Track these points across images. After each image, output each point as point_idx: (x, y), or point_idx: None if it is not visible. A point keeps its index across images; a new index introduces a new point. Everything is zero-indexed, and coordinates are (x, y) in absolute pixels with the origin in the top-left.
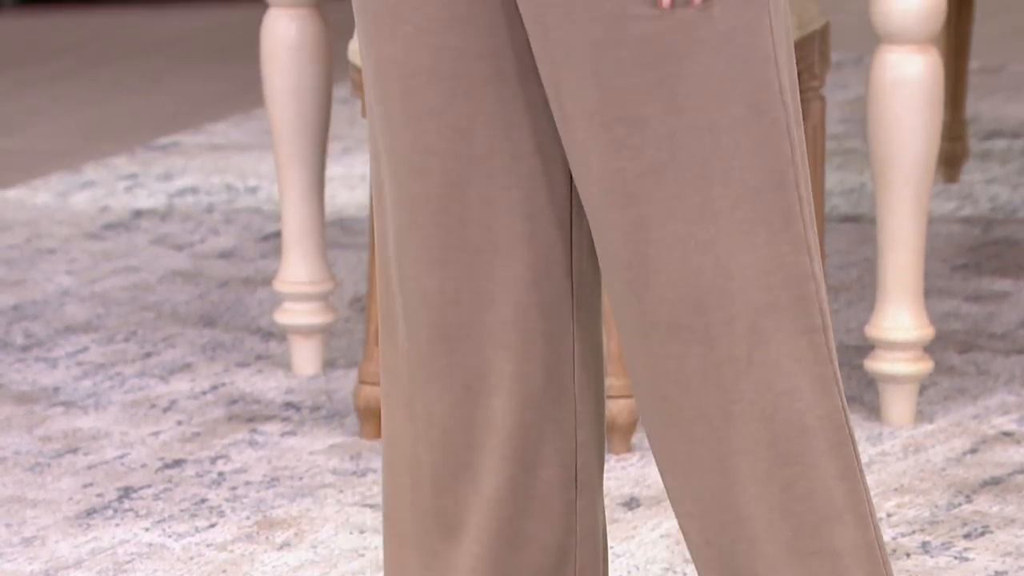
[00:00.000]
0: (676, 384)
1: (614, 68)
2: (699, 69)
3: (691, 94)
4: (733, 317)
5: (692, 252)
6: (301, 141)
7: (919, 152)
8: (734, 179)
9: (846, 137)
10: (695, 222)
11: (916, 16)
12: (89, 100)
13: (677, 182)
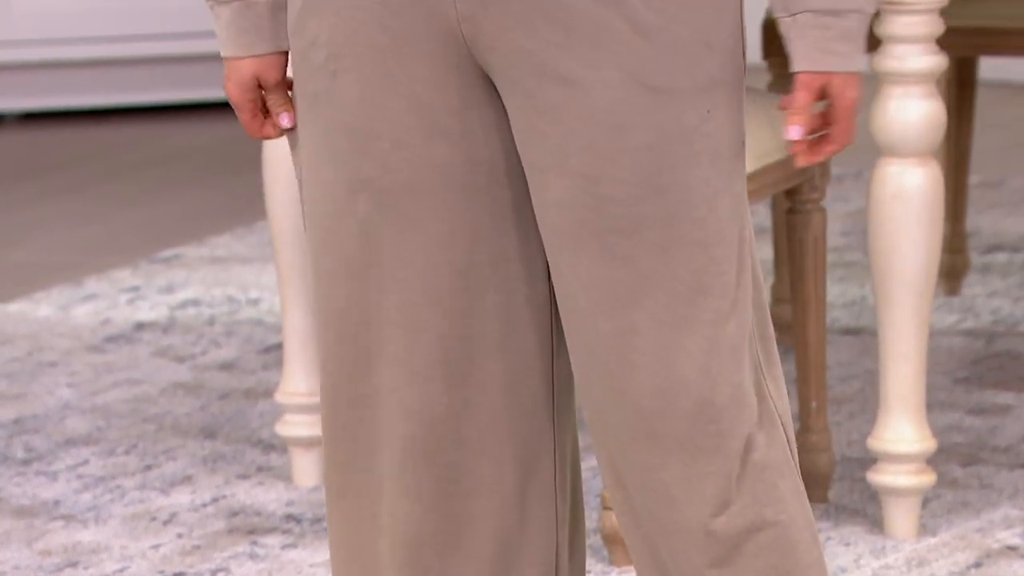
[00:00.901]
0: (656, 493)
1: (612, 177)
2: (696, 182)
3: (686, 206)
4: (721, 430)
5: (679, 363)
6: (302, 253)
7: (920, 264)
8: (725, 294)
9: (847, 249)
10: (684, 332)
11: (916, 129)
12: (91, 214)
13: (669, 292)
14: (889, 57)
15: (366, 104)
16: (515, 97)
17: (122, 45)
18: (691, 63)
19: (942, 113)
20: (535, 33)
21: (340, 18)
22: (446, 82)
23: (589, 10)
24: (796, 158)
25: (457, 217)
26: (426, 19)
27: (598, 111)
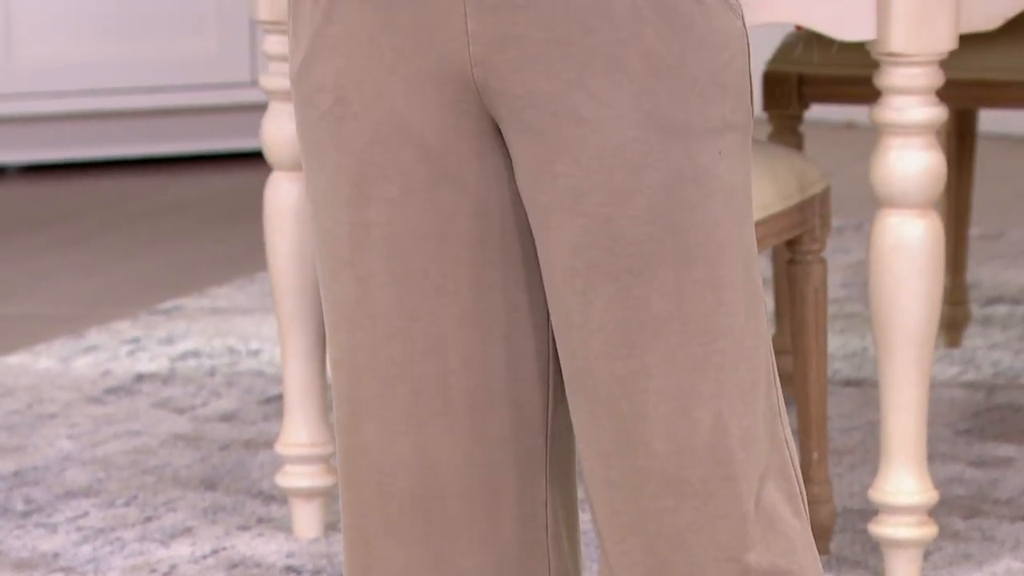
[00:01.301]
0: (670, 539)
1: (628, 217)
2: (709, 223)
3: (699, 246)
4: (733, 474)
5: (693, 405)
6: (302, 303)
7: (920, 316)
8: (735, 337)
9: (847, 301)
10: (697, 374)
11: (917, 180)
12: (92, 265)
13: (682, 334)
14: (889, 108)
15: (374, 149)
16: (526, 139)
17: (124, 97)
18: (705, 104)
19: (942, 165)
20: (551, 73)
21: (349, 63)
22: (455, 129)
23: (606, 48)
24: None
25: (463, 266)
26: (438, 64)
27: (614, 149)
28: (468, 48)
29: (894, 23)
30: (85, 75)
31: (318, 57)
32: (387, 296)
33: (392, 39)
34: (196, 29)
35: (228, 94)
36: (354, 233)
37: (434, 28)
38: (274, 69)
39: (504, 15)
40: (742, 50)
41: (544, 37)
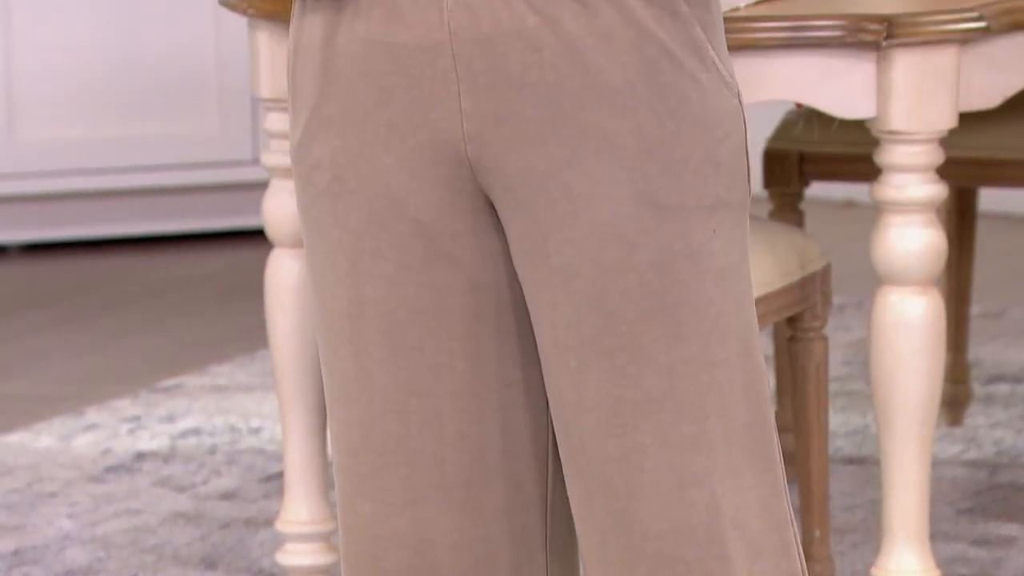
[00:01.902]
0: None
1: (619, 294)
2: (702, 301)
3: (692, 324)
4: (727, 553)
5: (687, 484)
6: (303, 381)
7: (922, 394)
8: (729, 414)
9: (849, 379)
10: (691, 453)
11: (917, 257)
12: (93, 344)
13: (675, 412)
14: (889, 186)
15: (371, 226)
16: (519, 217)
17: (125, 176)
18: (699, 182)
19: (943, 242)
20: (544, 150)
21: (344, 140)
22: (450, 206)
23: (599, 126)
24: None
25: (458, 342)
26: (432, 140)
27: (605, 227)
28: (462, 125)
29: (894, 101)
30: (87, 154)
31: (315, 135)
32: (383, 372)
33: (387, 115)
34: (197, 108)
35: (229, 172)
36: (351, 309)
37: (428, 105)
38: (275, 146)
39: (498, 93)
40: (738, 127)
41: (538, 115)
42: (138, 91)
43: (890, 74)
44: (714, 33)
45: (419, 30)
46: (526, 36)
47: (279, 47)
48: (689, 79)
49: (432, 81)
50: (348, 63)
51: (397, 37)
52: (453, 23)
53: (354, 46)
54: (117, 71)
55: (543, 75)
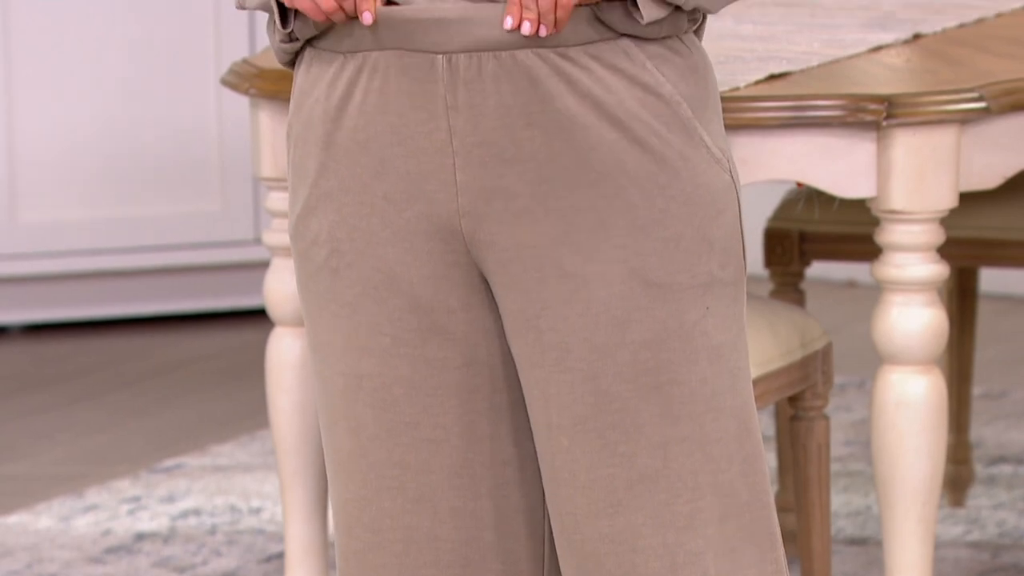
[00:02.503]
0: None
1: (612, 373)
2: (695, 379)
3: (685, 403)
4: None
5: (680, 563)
6: (304, 460)
7: (924, 474)
8: (725, 492)
9: (850, 459)
10: (684, 532)
11: (919, 337)
12: (93, 424)
13: (669, 491)
14: (890, 265)
15: (367, 300)
16: (512, 293)
17: (126, 256)
18: (691, 260)
19: (944, 321)
20: (537, 227)
21: (342, 215)
22: (445, 281)
23: (591, 204)
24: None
25: (453, 417)
26: (427, 213)
27: (598, 306)
28: (457, 199)
29: (894, 181)
30: (88, 235)
31: (313, 211)
32: (378, 447)
33: (384, 188)
34: (199, 188)
35: (231, 252)
36: (348, 384)
37: (424, 178)
38: (276, 225)
39: (491, 168)
40: (731, 204)
41: (530, 191)
42: (139, 171)
43: (890, 154)
44: (704, 110)
45: (417, 100)
46: (517, 113)
47: (280, 127)
48: (678, 157)
49: (428, 154)
50: (350, 136)
51: (392, 109)
52: (450, 97)
53: (356, 118)
54: (118, 152)
55: (534, 152)
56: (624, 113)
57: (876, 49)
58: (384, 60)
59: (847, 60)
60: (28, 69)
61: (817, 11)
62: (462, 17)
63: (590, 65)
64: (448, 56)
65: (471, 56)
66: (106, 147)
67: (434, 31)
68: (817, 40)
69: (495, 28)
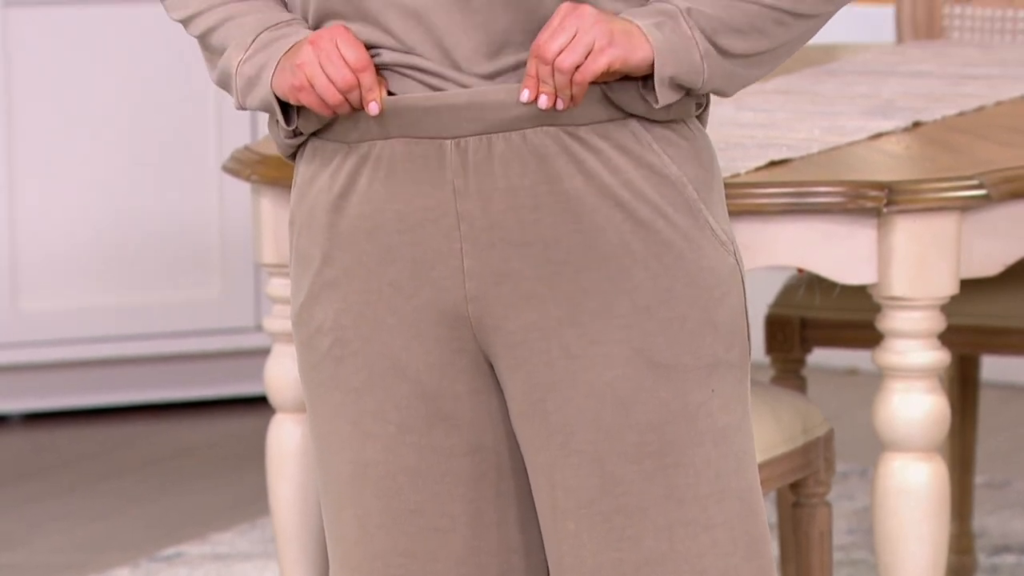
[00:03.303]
0: None
1: (618, 454)
2: (699, 461)
3: (690, 486)
4: None
5: None
6: (305, 548)
7: (926, 563)
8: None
9: (853, 548)
10: None
11: (920, 424)
12: (93, 512)
13: (675, 574)
14: (891, 352)
15: (373, 387)
16: (518, 376)
17: (127, 344)
18: (695, 341)
19: (946, 409)
20: (543, 310)
21: (347, 303)
22: (451, 367)
23: (595, 286)
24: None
25: (459, 505)
26: (434, 300)
27: (603, 387)
28: (464, 285)
29: (895, 268)
30: (88, 322)
31: (317, 299)
32: (385, 535)
33: (390, 274)
34: (200, 274)
35: (232, 339)
36: (354, 472)
37: (431, 264)
38: (278, 312)
39: (498, 251)
40: (736, 286)
41: (537, 274)
42: (140, 258)
43: (891, 240)
44: (709, 193)
45: (424, 187)
46: (525, 195)
47: (282, 213)
48: (683, 239)
49: (436, 239)
50: (355, 224)
51: (404, 194)
52: (457, 181)
53: (361, 206)
54: (119, 238)
55: (541, 234)
56: (631, 194)
57: (876, 136)
58: (390, 148)
59: (847, 147)
60: (30, 155)
61: (817, 99)
62: (470, 102)
63: (598, 145)
64: (457, 141)
65: (480, 139)
66: (107, 234)
67: (444, 117)
68: (817, 127)
69: (503, 109)
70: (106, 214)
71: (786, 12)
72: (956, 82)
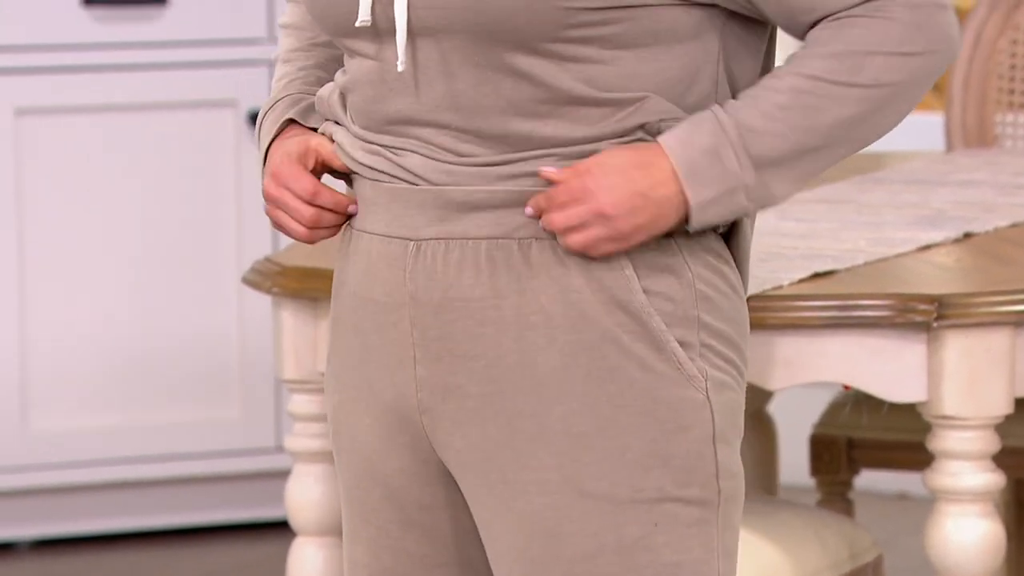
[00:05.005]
0: None
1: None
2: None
3: None
4: None
5: None
6: None
7: None
8: None
9: None
10: None
11: (974, 550)
12: None
13: None
14: (943, 474)
15: (356, 488)
16: (471, 496)
17: (142, 466)
18: (638, 473)
19: (1001, 534)
20: (484, 430)
21: (340, 396)
22: (416, 477)
23: (531, 408)
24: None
25: None
26: (395, 405)
27: (532, 516)
28: (416, 395)
29: (946, 385)
30: (102, 444)
31: (328, 389)
32: None
33: (366, 373)
34: (218, 393)
35: (252, 461)
36: (351, 571)
37: (394, 367)
38: (299, 430)
39: (445, 364)
40: (702, 422)
41: (480, 391)
42: (155, 376)
43: (942, 356)
44: (690, 326)
45: (387, 287)
46: (473, 308)
47: (304, 326)
48: (637, 367)
49: (396, 344)
50: (343, 317)
51: (372, 293)
52: (412, 285)
53: (348, 300)
54: (134, 355)
55: (486, 350)
56: (579, 318)
57: (925, 248)
58: (368, 241)
59: (895, 258)
60: (41, 266)
61: (863, 208)
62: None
63: (564, 260)
64: (418, 243)
65: (439, 243)
66: (121, 351)
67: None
68: (864, 238)
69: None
70: (120, 328)
71: (844, 84)
72: (1009, 191)
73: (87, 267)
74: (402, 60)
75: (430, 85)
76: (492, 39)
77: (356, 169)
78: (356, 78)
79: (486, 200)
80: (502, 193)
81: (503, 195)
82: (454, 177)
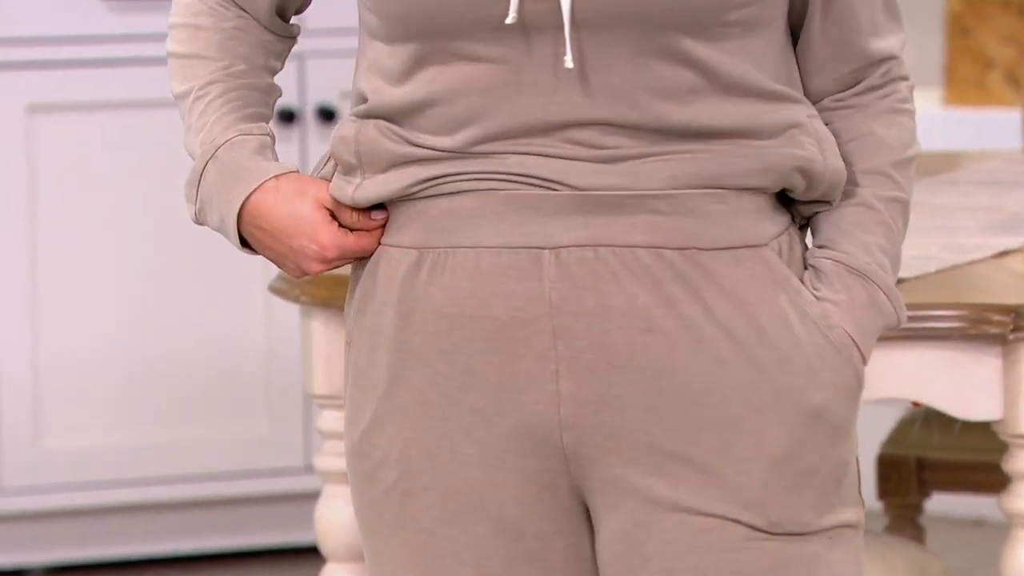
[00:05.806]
0: None
1: None
2: None
3: None
4: None
5: None
6: None
7: None
8: None
9: None
10: None
11: None
12: None
13: None
14: (1019, 497)
15: (446, 526)
16: (618, 516)
17: (162, 488)
18: (822, 497)
19: None
20: (651, 442)
21: (418, 431)
22: (537, 503)
23: (715, 424)
24: None
25: None
26: (522, 428)
27: (710, 532)
28: (558, 411)
29: (1023, 402)
30: (119, 463)
31: (382, 426)
32: None
33: (471, 400)
34: (243, 409)
35: (279, 482)
36: None
37: (520, 388)
38: (329, 448)
39: (600, 375)
40: (854, 438)
41: (645, 402)
42: (176, 390)
43: (1018, 371)
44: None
45: (515, 301)
46: (636, 314)
47: (335, 337)
48: (830, 388)
49: (527, 360)
50: (429, 342)
51: (489, 311)
52: (555, 295)
53: (437, 323)
54: (153, 368)
55: (653, 359)
56: (763, 332)
57: (1001, 254)
58: (475, 257)
59: (968, 266)
60: (53, 273)
61: (936, 212)
62: (579, 207)
63: (734, 272)
64: (556, 251)
65: (585, 250)
66: (139, 362)
67: (549, 223)
68: (935, 244)
69: (615, 220)
70: (138, 340)
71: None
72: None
73: (103, 273)
74: (571, 57)
75: (584, 80)
76: (656, 25)
77: (439, 188)
78: (456, 87)
79: (639, 204)
80: (654, 198)
81: (655, 200)
82: (603, 178)
